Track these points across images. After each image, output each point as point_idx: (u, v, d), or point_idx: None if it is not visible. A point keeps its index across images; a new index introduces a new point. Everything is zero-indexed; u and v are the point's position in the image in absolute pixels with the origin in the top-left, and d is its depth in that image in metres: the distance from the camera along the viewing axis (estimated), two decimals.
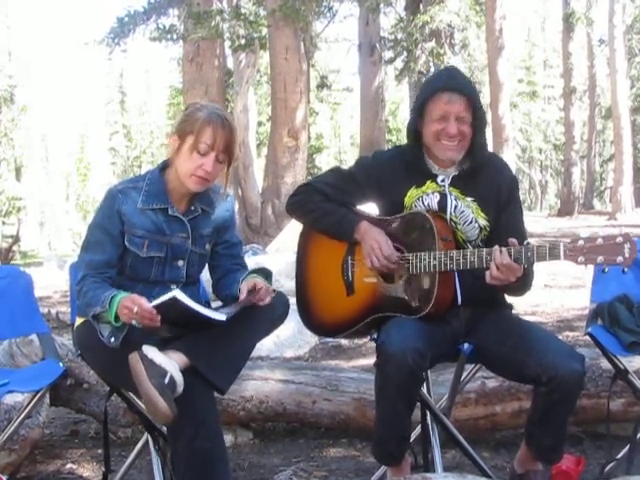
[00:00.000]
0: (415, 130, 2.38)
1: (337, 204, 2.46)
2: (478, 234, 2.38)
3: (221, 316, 2.11)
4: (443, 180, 2.39)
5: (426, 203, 2.37)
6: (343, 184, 2.48)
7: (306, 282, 2.57)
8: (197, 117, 2.25)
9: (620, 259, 1.99)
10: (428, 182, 2.39)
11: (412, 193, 2.39)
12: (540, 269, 2.10)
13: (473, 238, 2.38)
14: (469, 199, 2.38)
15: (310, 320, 2.55)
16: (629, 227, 13.46)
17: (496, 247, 2.14)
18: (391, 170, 2.43)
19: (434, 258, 2.22)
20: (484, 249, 2.20)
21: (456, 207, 2.37)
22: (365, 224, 2.39)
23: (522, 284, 2.24)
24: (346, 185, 2.48)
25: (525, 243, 2.14)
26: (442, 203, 2.37)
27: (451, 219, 2.36)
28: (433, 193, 2.38)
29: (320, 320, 2.53)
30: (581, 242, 2.03)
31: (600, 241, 2.01)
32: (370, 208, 2.53)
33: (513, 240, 2.13)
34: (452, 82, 2.31)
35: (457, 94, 2.27)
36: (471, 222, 2.37)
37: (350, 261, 2.44)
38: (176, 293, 2.05)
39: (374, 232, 2.35)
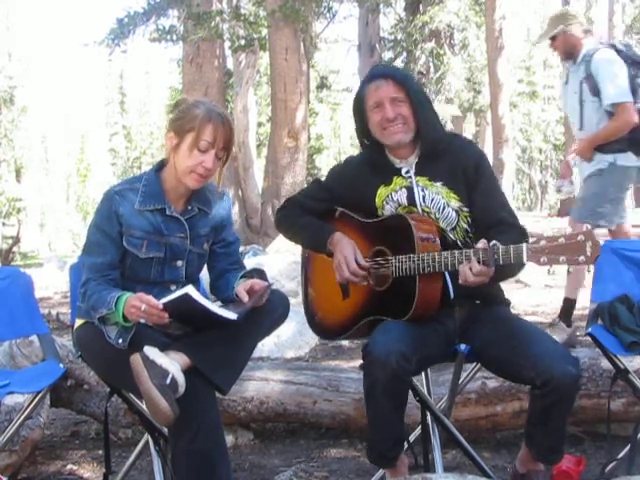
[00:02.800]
0: (363, 131, 2.44)
1: (313, 217, 2.50)
2: (456, 217, 2.37)
3: (232, 315, 2.10)
4: (408, 172, 2.41)
5: (395, 199, 2.39)
6: (319, 194, 2.54)
7: (309, 285, 2.60)
8: (196, 114, 2.24)
9: (582, 258, 1.94)
10: (394, 178, 2.41)
11: (381, 192, 2.42)
12: (540, 269, 2.07)
13: (454, 223, 2.37)
14: (438, 184, 2.38)
15: (313, 323, 2.59)
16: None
17: (468, 256, 2.10)
18: (361, 173, 2.47)
19: (413, 261, 2.21)
20: (455, 252, 2.16)
21: (424, 197, 2.37)
22: (337, 236, 2.39)
23: (498, 278, 2.21)
24: (321, 194, 2.53)
25: (491, 244, 2.08)
26: (410, 197, 2.38)
27: (423, 210, 2.37)
28: (401, 189, 2.39)
29: (320, 323, 2.56)
30: (543, 242, 1.99)
31: (562, 240, 1.96)
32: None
33: (483, 242, 2.10)
34: (376, 71, 2.44)
35: (382, 79, 2.36)
36: (444, 208, 2.36)
37: None
38: (189, 290, 2.04)
39: (343, 245, 2.36)
